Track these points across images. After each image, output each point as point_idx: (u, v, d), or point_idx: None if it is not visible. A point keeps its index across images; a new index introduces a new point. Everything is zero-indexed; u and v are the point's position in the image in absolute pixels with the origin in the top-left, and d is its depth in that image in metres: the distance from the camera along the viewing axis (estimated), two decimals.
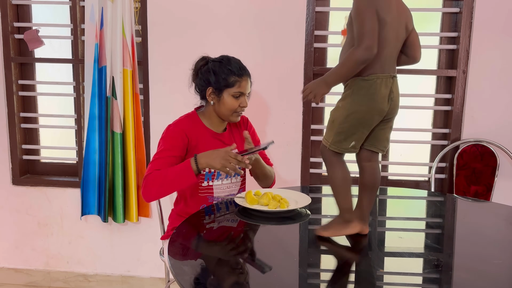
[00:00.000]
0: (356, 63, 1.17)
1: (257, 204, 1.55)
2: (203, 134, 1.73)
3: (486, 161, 2.26)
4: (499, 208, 1.69)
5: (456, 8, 2.29)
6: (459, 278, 1.11)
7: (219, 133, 1.78)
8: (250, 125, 1.91)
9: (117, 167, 2.32)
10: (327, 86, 1.22)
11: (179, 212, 1.79)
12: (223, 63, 1.70)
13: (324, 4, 2.36)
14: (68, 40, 2.51)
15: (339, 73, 1.21)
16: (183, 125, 1.71)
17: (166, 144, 1.67)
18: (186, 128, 1.70)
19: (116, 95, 2.27)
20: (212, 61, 1.73)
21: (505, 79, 2.26)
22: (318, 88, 1.23)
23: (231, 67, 1.68)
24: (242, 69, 1.70)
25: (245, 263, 1.19)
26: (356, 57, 1.16)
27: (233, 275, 1.12)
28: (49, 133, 2.64)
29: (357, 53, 1.16)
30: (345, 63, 1.19)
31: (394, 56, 1.27)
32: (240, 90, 1.69)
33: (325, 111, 2.45)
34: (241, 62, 1.73)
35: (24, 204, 2.58)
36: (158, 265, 2.55)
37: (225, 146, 1.74)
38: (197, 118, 1.77)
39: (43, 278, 2.63)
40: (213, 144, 1.73)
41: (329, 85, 1.22)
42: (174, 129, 1.70)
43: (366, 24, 1.16)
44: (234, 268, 1.16)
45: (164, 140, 1.69)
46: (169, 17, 2.35)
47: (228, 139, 1.79)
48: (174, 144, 1.67)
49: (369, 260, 1.22)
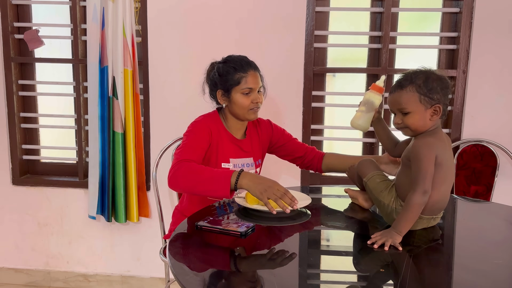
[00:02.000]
0: (419, 206, 1.28)
1: (257, 204, 1.55)
2: (223, 137, 1.71)
3: (486, 161, 2.26)
4: (499, 208, 1.69)
5: (456, 8, 2.29)
6: (459, 278, 1.11)
7: (239, 139, 1.75)
8: (275, 127, 1.86)
9: (118, 167, 2.32)
10: (400, 235, 1.28)
11: (183, 211, 1.78)
12: (226, 63, 1.68)
13: (324, 4, 2.36)
14: (68, 40, 2.51)
15: (408, 219, 1.28)
16: (208, 123, 1.68)
17: (194, 135, 1.62)
18: (211, 125, 1.68)
19: (117, 95, 2.27)
20: (217, 63, 1.71)
21: (505, 79, 2.26)
22: (394, 237, 1.26)
23: (234, 64, 1.65)
24: (247, 64, 1.66)
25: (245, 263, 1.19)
26: (417, 202, 1.27)
27: (233, 275, 1.12)
28: (49, 133, 2.64)
29: (416, 198, 1.27)
30: (409, 209, 1.28)
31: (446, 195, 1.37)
32: (248, 86, 1.64)
33: (325, 111, 2.45)
34: (247, 58, 1.69)
35: (24, 204, 2.58)
36: (158, 265, 2.55)
37: (243, 154, 1.73)
38: (219, 119, 1.73)
39: (43, 278, 2.63)
40: (231, 149, 1.71)
41: (402, 233, 1.28)
42: (201, 124, 1.67)
43: (424, 169, 1.27)
44: (234, 268, 1.16)
45: (191, 132, 1.64)
46: (169, 17, 2.35)
47: (246, 147, 1.76)
48: (202, 136, 1.62)
49: (369, 260, 1.22)
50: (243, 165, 1.73)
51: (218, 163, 1.69)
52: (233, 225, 1.35)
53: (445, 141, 1.33)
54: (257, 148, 1.80)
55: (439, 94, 1.30)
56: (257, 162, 1.80)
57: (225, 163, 1.70)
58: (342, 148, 2.54)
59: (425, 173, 1.27)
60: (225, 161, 1.70)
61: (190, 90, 2.38)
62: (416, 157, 1.29)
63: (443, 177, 1.31)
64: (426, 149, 1.28)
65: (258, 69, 1.70)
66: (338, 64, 2.46)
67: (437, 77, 1.32)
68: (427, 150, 1.28)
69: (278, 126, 1.88)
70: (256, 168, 1.79)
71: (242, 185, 1.41)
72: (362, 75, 2.43)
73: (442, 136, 1.34)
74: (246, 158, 1.75)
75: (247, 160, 1.75)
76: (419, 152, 1.29)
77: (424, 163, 1.27)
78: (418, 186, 1.27)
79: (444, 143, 1.32)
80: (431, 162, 1.27)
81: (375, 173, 1.47)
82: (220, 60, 1.72)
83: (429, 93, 1.29)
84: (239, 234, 1.31)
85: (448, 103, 1.34)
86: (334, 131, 2.51)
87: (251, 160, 1.76)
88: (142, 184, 2.41)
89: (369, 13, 2.38)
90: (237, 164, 1.71)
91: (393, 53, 2.36)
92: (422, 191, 1.26)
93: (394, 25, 2.35)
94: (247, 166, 1.74)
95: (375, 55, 2.38)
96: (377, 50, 2.36)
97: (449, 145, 1.34)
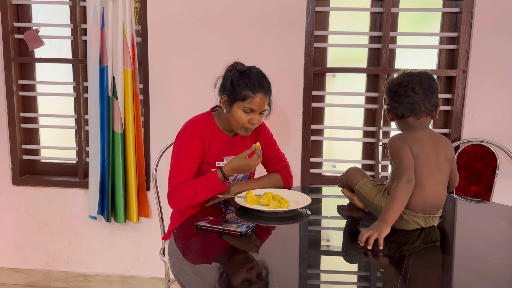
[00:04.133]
0: (403, 193, 1.30)
1: (257, 204, 1.55)
2: (216, 138, 1.72)
3: (486, 161, 2.26)
4: (499, 208, 1.69)
5: (456, 8, 2.29)
6: (459, 278, 1.11)
7: (231, 136, 1.76)
8: (264, 127, 1.86)
9: (118, 167, 2.32)
10: (388, 225, 1.29)
11: (182, 212, 1.79)
12: (243, 75, 1.64)
13: (324, 4, 2.36)
14: (68, 40, 2.51)
15: (393, 208, 1.30)
16: (197, 128, 1.68)
17: (184, 150, 1.66)
18: (200, 131, 1.68)
19: (117, 95, 2.27)
20: (237, 69, 1.67)
21: (505, 79, 2.26)
22: (381, 228, 1.27)
23: (249, 81, 1.62)
24: (260, 86, 1.62)
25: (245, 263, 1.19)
26: (401, 189, 1.30)
27: (233, 275, 1.12)
28: (49, 133, 2.64)
29: (400, 186, 1.30)
30: (394, 197, 1.30)
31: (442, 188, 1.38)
32: (251, 107, 1.62)
33: (325, 111, 2.45)
34: (264, 78, 1.65)
35: (24, 204, 2.58)
36: (158, 265, 2.55)
37: (236, 150, 1.75)
38: (212, 120, 1.74)
39: (43, 278, 2.63)
40: (224, 148, 1.72)
41: (389, 223, 1.29)
42: (190, 133, 1.67)
43: (402, 161, 1.32)
44: (234, 268, 1.16)
45: (181, 146, 1.67)
46: (169, 17, 2.35)
47: (239, 143, 1.77)
48: (191, 150, 1.66)
49: (370, 260, 1.22)
50: None
51: (213, 162, 1.71)
52: (233, 225, 1.35)
53: (420, 138, 1.36)
54: (249, 143, 1.81)
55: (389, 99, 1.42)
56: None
57: (220, 162, 1.72)
58: (342, 148, 2.54)
59: (406, 164, 1.32)
60: (219, 159, 1.72)
61: (190, 90, 2.38)
62: (391, 153, 1.37)
63: (427, 172, 1.33)
64: (397, 143, 1.36)
65: (270, 92, 1.67)
66: (338, 64, 2.46)
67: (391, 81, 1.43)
68: (398, 143, 1.35)
69: (266, 126, 1.87)
70: None
71: (231, 174, 1.63)
72: (362, 75, 2.43)
73: (417, 133, 1.37)
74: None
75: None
76: (392, 147, 1.37)
77: (400, 155, 1.33)
78: (401, 176, 1.31)
79: (420, 138, 1.36)
80: (406, 154, 1.33)
81: (365, 180, 1.51)
82: (243, 67, 1.69)
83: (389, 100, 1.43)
84: (239, 234, 1.31)
85: (398, 107, 1.40)
86: (334, 131, 2.51)
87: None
88: (142, 184, 2.41)
89: (369, 13, 2.37)
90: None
91: (393, 53, 2.36)
92: (406, 180, 1.30)
93: (394, 25, 2.35)
94: None
95: (375, 55, 2.38)
96: (377, 50, 2.36)
97: (431, 142, 1.37)
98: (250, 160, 1.60)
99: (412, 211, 1.34)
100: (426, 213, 1.36)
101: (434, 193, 1.35)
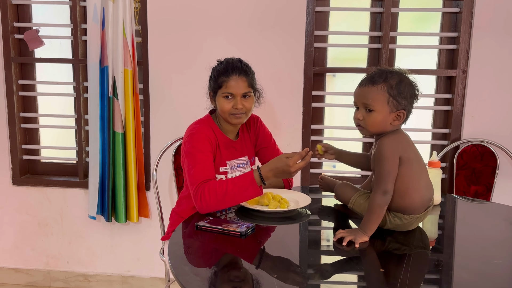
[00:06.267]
0: (379, 207, 1.28)
1: (257, 204, 1.55)
2: (220, 142, 1.67)
3: (486, 161, 2.26)
4: (499, 208, 1.69)
5: (456, 8, 2.29)
6: (459, 278, 1.11)
7: (234, 140, 1.73)
8: (260, 124, 1.83)
9: (118, 167, 2.32)
10: (366, 235, 1.28)
11: (181, 213, 1.78)
12: (218, 65, 1.66)
13: (324, 4, 2.36)
14: (68, 40, 2.51)
15: (371, 220, 1.29)
16: (205, 131, 1.63)
17: (201, 153, 1.57)
18: (208, 134, 1.63)
19: (117, 95, 2.27)
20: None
21: (505, 79, 2.26)
22: (359, 235, 1.28)
23: (220, 67, 1.63)
24: (232, 69, 1.60)
25: (245, 263, 1.19)
26: (377, 203, 1.28)
27: (233, 275, 1.12)
28: (49, 133, 2.64)
29: (376, 200, 1.28)
30: (371, 211, 1.29)
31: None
32: (228, 91, 1.59)
33: (325, 111, 2.45)
34: (238, 62, 1.63)
35: (24, 204, 2.58)
36: (158, 265, 2.55)
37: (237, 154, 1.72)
38: (213, 123, 1.70)
39: (43, 278, 2.63)
40: (227, 152, 1.69)
41: (369, 234, 1.29)
42: (199, 135, 1.61)
43: (387, 168, 1.27)
44: (234, 268, 1.16)
45: (196, 150, 1.58)
46: (169, 17, 2.35)
47: (240, 146, 1.74)
48: (207, 150, 1.59)
49: (370, 260, 1.22)
50: (239, 165, 1.72)
51: (217, 167, 1.66)
52: (233, 225, 1.36)
53: (408, 140, 1.35)
54: (249, 146, 1.79)
55: (407, 100, 1.30)
56: (251, 160, 1.80)
57: (223, 167, 1.68)
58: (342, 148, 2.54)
59: (387, 173, 1.27)
60: (222, 164, 1.68)
61: (190, 90, 2.39)
62: (379, 156, 1.30)
63: (418, 173, 1.32)
64: (391, 148, 1.29)
65: (247, 74, 1.62)
66: (338, 64, 2.46)
67: (410, 82, 1.31)
68: (392, 149, 1.29)
69: (265, 126, 1.86)
70: (251, 166, 1.79)
71: (269, 177, 1.47)
72: (362, 75, 2.41)
73: (405, 135, 1.35)
74: (241, 158, 1.74)
75: (242, 159, 1.75)
76: (383, 150, 1.29)
77: (387, 162, 1.28)
78: (379, 187, 1.28)
79: (408, 141, 1.34)
80: (394, 162, 1.28)
81: (356, 195, 1.45)
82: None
83: (398, 97, 1.29)
84: (239, 234, 1.31)
85: (411, 111, 1.34)
86: (334, 131, 2.51)
87: (246, 158, 1.76)
88: (142, 184, 2.41)
89: (369, 13, 2.38)
90: (233, 165, 1.71)
91: (393, 53, 2.36)
92: (382, 192, 1.27)
93: (394, 25, 2.35)
94: (243, 165, 1.74)
95: (375, 55, 2.38)
96: (377, 50, 2.36)
97: (411, 142, 1.35)
98: (290, 160, 1.43)
99: (413, 215, 1.33)
100: (424, 207, 1.34)
101: (427, 185, 1.35)
